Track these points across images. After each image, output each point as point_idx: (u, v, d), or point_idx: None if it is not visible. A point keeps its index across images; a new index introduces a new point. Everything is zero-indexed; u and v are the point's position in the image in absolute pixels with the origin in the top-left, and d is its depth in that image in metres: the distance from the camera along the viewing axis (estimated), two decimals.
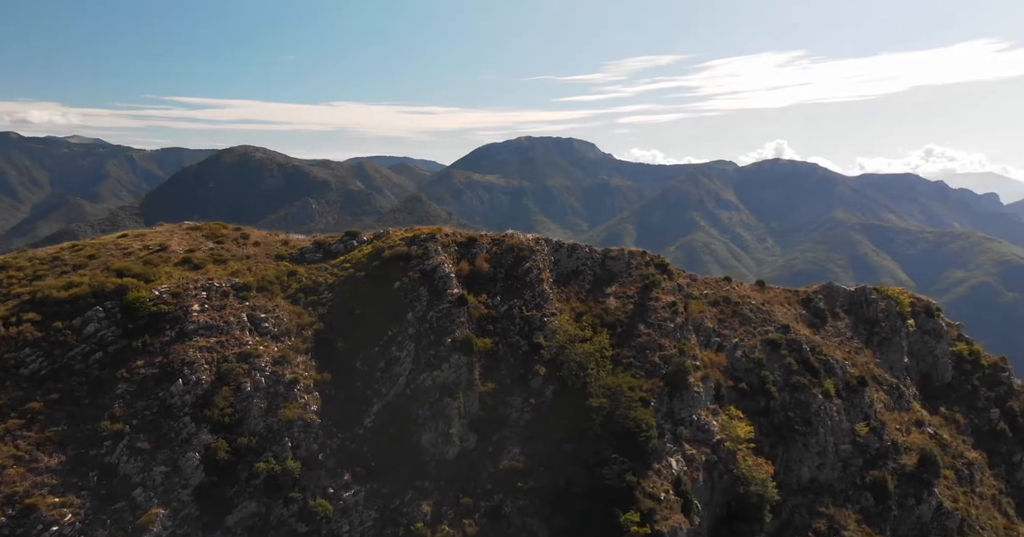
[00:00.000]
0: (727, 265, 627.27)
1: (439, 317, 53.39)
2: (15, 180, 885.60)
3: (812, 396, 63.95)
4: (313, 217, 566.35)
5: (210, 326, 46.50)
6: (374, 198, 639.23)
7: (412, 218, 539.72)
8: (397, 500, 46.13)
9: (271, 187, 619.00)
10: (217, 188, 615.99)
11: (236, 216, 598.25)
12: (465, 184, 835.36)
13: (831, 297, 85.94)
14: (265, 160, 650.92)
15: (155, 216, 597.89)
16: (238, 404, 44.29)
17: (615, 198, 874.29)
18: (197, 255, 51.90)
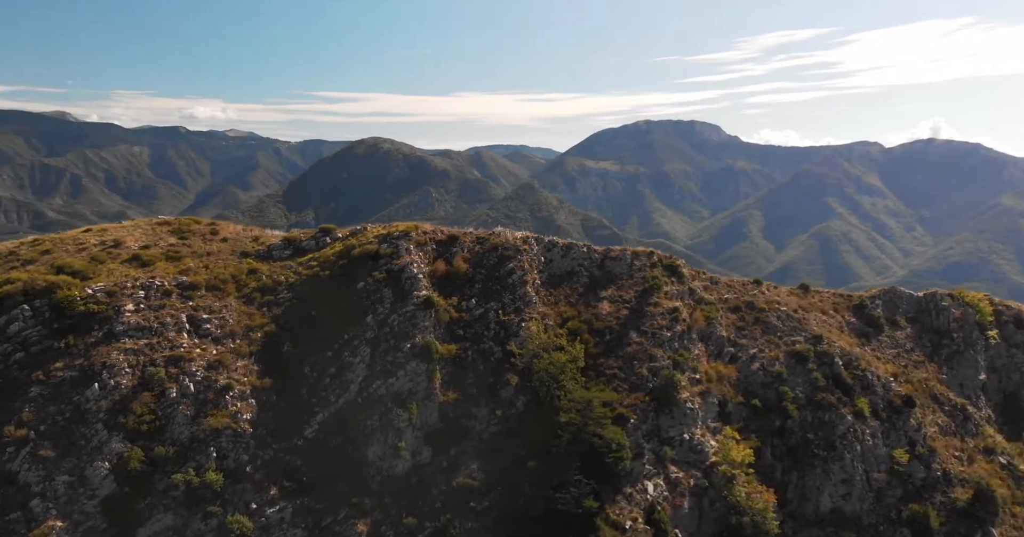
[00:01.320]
0: (868, 256, 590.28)
1: (401, 321, 49.14)
2: (182, 170, 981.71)
3: (839, 416, 56.01)
4: (433, 205, 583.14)
5: (142, 327, 43.88)
6: (489, 186, 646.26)
7: (523, 206, 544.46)
8: (330, 518, 42.13)
9: (397, 176, 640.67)
10: (349, 178, 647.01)
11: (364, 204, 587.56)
12: (578, 171, 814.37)
13: (892, 303, 76.59)
14: (392, 151, 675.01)
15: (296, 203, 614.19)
16: (161, 411, 41.36)
17: (740, 183, 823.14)
18: (150, 252, 49.67)
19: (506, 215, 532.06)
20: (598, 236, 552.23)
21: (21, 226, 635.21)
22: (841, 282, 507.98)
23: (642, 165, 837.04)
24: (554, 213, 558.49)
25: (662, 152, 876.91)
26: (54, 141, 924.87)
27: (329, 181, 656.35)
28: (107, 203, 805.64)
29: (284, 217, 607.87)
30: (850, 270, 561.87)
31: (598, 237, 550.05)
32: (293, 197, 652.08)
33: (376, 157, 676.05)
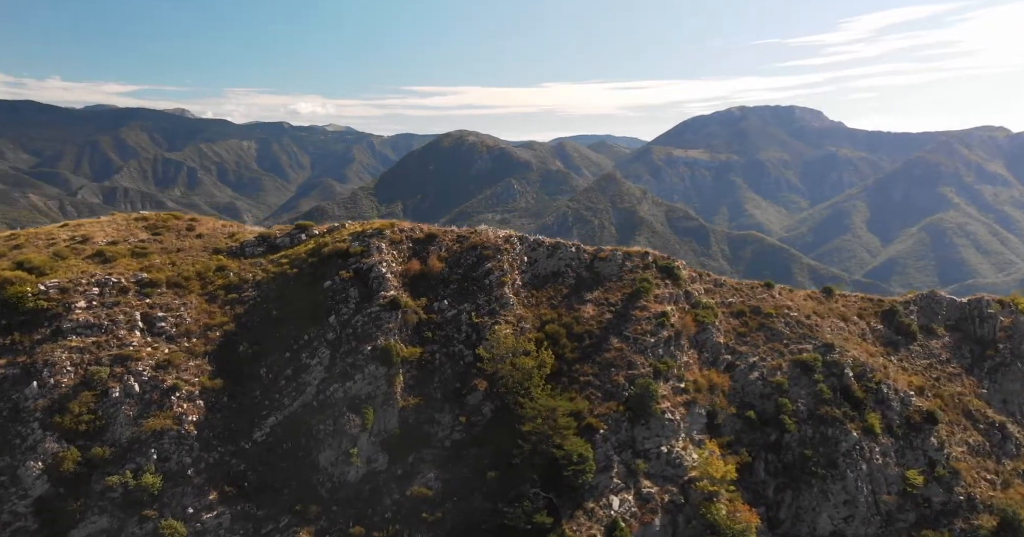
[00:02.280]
0: (988, 250, 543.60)
1: (365, 322, 46.82)
2: (285, 163, 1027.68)
3: (844, 432, 51.12)
4: (514, 197, 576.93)
5: (91, 325, 42.74)
6: (570, 177, 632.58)
7: (604, 197, 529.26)
8: (271, 525, 40.16)
9: (480, 168, 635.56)
10: (436, 170, 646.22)
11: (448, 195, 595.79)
12: (664, 160, 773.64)
13: (930, 309, 70.60)
14: (477, 143, 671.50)
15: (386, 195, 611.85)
16: (102, 411, 40.13)
17: (843, 171, 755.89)
18: (116, 248, 48.66)
19: (586, 206, 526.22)
20: (683, 227, 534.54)
21: None
22: (955, 279, 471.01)
23: (734, 153, 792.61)
24: (636, 204, 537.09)
25: (757, 139, 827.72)
26: (173, 136, 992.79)
27: (417, 174, 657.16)
28: (219, 194, 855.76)
29: (375, 209, 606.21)
30: (966, 266, 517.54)
31: (683, 228, 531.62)
32: (384, 189, 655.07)
33: (461, 149, 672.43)
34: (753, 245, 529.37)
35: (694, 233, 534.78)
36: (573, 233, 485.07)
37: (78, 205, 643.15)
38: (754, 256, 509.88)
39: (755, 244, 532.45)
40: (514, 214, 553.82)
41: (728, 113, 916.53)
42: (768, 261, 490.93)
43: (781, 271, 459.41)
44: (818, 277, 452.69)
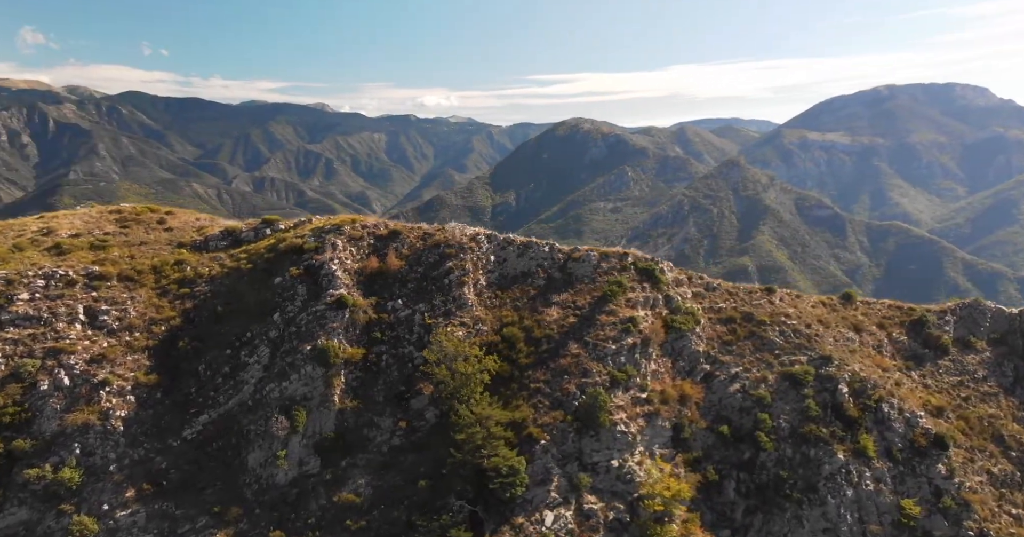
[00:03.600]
0: None
1: (310, 320, 44.86)
2: (411, 155, 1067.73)
3: (829, 453, 45.83)
4: (628, 184, 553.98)
5: (30, 317, 42.31)
6: (690, 164, 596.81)
7: (726, 184, 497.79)
8: (187, 525, 38.72)
9: (593, 156, 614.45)
10: (549, 159, 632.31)
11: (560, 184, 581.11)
12: (797, 144, 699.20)
13: (972, 320, 63.57)
14: (592, 131, 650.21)
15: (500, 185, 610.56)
16: (29, 403, 39.66)
17: (1012, 155, 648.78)
18: (76, 241, 48.40)
19: (705, 194, 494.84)
20: (815, 217, 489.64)
21: (287, 203, 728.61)
22: None
23: (879, 136, 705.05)
24: (761, 191, 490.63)
25: (906, 120, 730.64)
26: (314, 130, 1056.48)
27: (530, 162, 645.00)
28: (352, 184, 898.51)
29: (489, 198, 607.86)
30: None
31: (815, 218, 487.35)
32: (498, 179, 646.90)
33: (575, 137, 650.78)
34: (897, 237, 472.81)
35: (827, 223, 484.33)
36: (689, 222, 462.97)
37: (232, 193, 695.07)
38: (898, 249, 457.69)
39: (899, 236, 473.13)
40: (626, 203, 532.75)
41: (873, 92, 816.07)
42: (914, 255, 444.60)
43: (930, 266, 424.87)
44: (975, 274, 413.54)
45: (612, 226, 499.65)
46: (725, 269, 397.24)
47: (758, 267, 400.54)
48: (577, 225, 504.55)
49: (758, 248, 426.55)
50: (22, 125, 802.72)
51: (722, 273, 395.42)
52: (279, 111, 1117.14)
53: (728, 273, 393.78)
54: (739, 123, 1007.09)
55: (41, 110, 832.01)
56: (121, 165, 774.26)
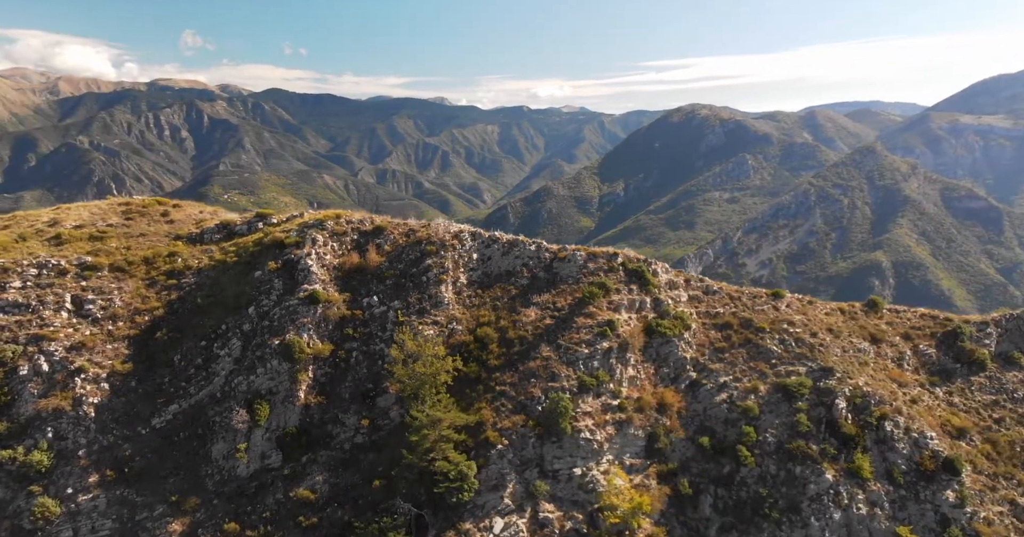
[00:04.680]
0: None
1: (282, 315, 44.46)
2: (522, 146, 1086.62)
3: (816, 472, 42.17)
4: (748, 173, 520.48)
5: (19, 304, 43.60)
6: (819, 151, 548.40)
7: (859, 172, 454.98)
8: (145, 513, 39.25)
9: (710, 143, 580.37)
10: (662, 147, 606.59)
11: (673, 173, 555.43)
12: (948, 129, 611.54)
13: (1019, 333, 57.57)
14: (709, 117, 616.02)
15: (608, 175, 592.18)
16: (9, 387, 40.81)
17: None
18: (77, 231, 49.59)
19: (834, 183, 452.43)
20: (964, 209, 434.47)
21: (407, 194, 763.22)
22: None
23: None
24: (901, 180, 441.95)
25: None
26: (432, 123, 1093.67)
27: (641, 151, 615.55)
28: (465, 175, 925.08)
29: (597, 188, 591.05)
30: None
31: (964, 210, 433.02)
32: (607, 169, 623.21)
33: (691, 124, 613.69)
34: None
35: (979, 216, 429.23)
36: (815, 213, 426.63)
37: (358, 185, 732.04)
38: None
39: None
40: (745, 192, 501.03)
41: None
42: None
43: None
44: None
45: (728, 217, 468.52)
46: (855, 265, 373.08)
47: (893, 263, 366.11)
48: (689, 216, 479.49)
49: (894, 242, 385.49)
50: (182, 121, 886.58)
51: (852, 269, 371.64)
52: (402, 106, 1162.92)
53: (858, 269, 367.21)
54: (878, 106, 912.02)
55: (198, 107, 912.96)
56: (263, 157, 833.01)
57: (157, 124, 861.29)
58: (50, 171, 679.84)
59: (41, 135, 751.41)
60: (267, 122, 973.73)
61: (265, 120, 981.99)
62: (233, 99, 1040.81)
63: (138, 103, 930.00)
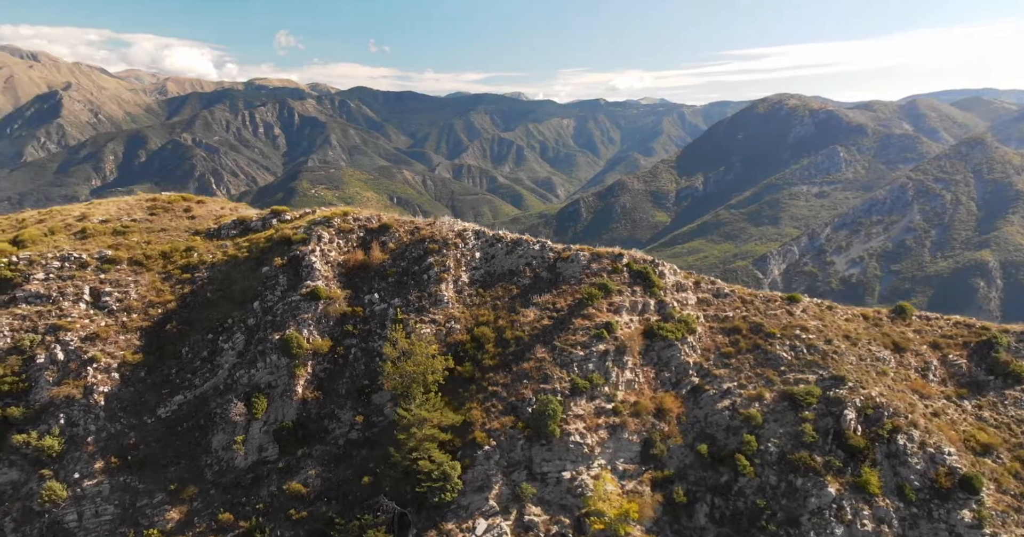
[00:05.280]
0: None
1: (284, 310, 44.89)
2: (597, 139, 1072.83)
3: (819, 485, 40.06)
4: (839, 166, 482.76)
5: (41, 295, 45.38)
6: (920, 142, 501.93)
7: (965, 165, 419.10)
8: (145, 500, 40.34)
9: (798, 135, 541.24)
10: (745, 139, 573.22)
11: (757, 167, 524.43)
12: None
13: None
14: (798, 107, 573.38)
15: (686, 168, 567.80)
16: (27, 374, 42.75)
17: None
18: (102, 226, 51.15)
19: (936, 177, 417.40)
20: None
21: (480, 189, 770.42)
22: None
23: None
24: (1013, 174, 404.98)
25: None
26: (508, 118, 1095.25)
27: (723, 144, 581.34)
28: (539, 170, 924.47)
29: (674, 182, 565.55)
30: None
31: None
32: (685, 162, 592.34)
33: (778, 115, 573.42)
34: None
35: None
36: (913, 209, 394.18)
37: (435, 180, 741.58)
38: None
39: None
40: (835, 186, 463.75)
41: None
42: None
43: None
44: None
45: (815, 212, 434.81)
46: (957, 264, 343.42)
47: (1002, 263, 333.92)
48: (773, 211, 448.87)
49: (1003, 241, 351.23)
50: (275, 118, 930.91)
51: (953, 268, 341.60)
52: (479, 101, 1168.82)
53: (961, 269, 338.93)
54: (991, 94, 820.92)
55: (289, 105, 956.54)
56: (348, 153, 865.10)
57: (252, 122, 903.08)
58: (158, 166, 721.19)
59: (151, 133, 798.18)
60: (352, 119, 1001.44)
61: (350, 117, 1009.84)
62: (322, 97, 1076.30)
63: (236, 102, 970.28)
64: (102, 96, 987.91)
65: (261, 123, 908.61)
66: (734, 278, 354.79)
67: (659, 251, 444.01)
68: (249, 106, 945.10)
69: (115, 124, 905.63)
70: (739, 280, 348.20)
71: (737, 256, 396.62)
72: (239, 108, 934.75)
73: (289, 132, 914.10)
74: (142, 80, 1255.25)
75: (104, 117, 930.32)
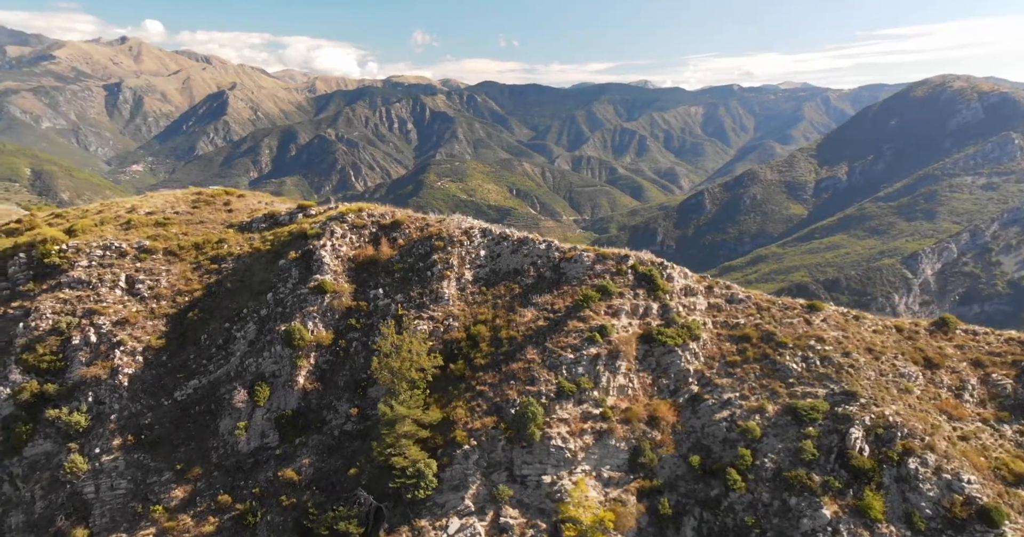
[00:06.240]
0: None
1: (293, 302, 45.52)
2: (728, 127, 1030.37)
3: (814, 506, 36.94)
4: (1013, 155, 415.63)
5: (82, 281, 48.04)
6: None
7: None
8: (155, 477, 42.11)
9: (963, 120, 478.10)
10: (898, 125, 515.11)
11: (912, 155, 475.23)
12: None
13: None
14: (964, 89, 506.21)
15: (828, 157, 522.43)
16: (64, 353, 45.55)
17: None
18: (146, 218, 53.41)
19: None
20: None
21: (599, 181, 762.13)
22: None
23: None
24: None
25: None
26: (632, 107, 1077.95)
27: (873, 130, 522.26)
28: (662, 160, 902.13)
29: (813, 172, 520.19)
30: None
31: None
32: (827, 150, 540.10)
33: (939, 99, 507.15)
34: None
35: None
36: None
37: (553, 172, 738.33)
38: None
39: None
40: (1007, 178, 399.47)
41: None
42: None
43: None
44: None
45: (981, 206, 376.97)
46: None
47: None
48: (929, 205, 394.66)
49: None
50: (408, 114, 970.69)
51: None
52: (603, 91, 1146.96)
53: None
54: None
55: (421, 101, 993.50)
56: (472, 147, 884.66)
57: (388, 117, 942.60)
58: (305, 160, 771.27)
59: (300, 129, 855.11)
60: (478, 113, 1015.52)
61: (477, 111, 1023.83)
62: (451, 93, 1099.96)
63: (374, 99, 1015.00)
64: (261, 95, 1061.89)
65: (396, 119, 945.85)
66: (879, 277, 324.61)
67: (793, 246, 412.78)
68: (386, 102, 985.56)
69: (271, 120, 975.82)
70: (884, 280, 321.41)
71: (884, 253, 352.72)
72: (377, 104, 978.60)
73: (420, 127, 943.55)
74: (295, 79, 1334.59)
75: (262, 114, 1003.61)
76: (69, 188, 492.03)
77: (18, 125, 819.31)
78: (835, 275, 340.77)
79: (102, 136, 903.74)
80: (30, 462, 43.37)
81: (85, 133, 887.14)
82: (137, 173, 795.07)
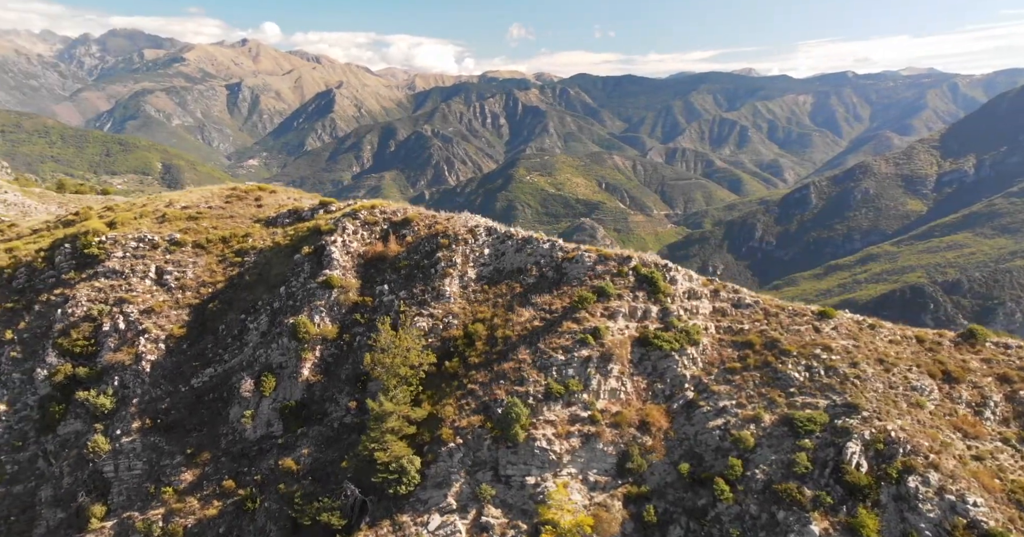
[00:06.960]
0: None
1: (302, 296, 46.14)
2: (840, 117, 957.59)
3: (802, 521, 34.87)
4: None
5: (115, 271, 50.11)
6: None
7: None
8: (167, 460, 43.68)
9: None
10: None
11: None
12: None
13: None
14: None
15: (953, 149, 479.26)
16: (96, 338, 47.74)
17: None
18: (180, 212, 55.07)
19: None
20: None
21: (694, 174, 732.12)
22: None
23: None
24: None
25: None
26: (734, 97, 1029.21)
27: (1005, 120, 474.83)
28: (764, 152, 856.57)
29: (935, 165, 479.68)
30: None
31: None
32: (952, 141, 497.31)
33: None
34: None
35: None
36: None
37: (645, 165, 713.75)
38: None
39: None
40: None
41: None
42: None
43: None
44: None
45: None
46: None
47: None
48: None
49: None
50: (500, 109, 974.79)
51: None
52: (702, 81, 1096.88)
53: None
54: None
55: (514, 95, 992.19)
56: (563, 140, 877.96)
57: (481, 113, 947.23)
58: (403, 155, 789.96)
59: (399, 125, 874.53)
60: (570, 107, 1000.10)
61: (569, 105, 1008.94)
62: (544, 86, 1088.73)
63: (469, 94, 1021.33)
64: (364, 92, 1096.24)
65: (489, 114, 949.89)
66: (1008, 280, 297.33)
67: (908, 245, 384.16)
68: (480, 98, 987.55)
69: (373, 117, 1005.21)
70: (1015, 283, 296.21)
71: (1016, 254, 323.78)
72: (472, 100, 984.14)
73: (512, 121, 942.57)
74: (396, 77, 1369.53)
75: (365, 111, 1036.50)
76: (193, 181, 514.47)
77: (152, 122, 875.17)
78: (956, 276, 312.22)
79: (223, 132, 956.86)
80: (62, 440, 45.87)
81: (209, 130, 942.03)
82: (253, 167, 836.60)
